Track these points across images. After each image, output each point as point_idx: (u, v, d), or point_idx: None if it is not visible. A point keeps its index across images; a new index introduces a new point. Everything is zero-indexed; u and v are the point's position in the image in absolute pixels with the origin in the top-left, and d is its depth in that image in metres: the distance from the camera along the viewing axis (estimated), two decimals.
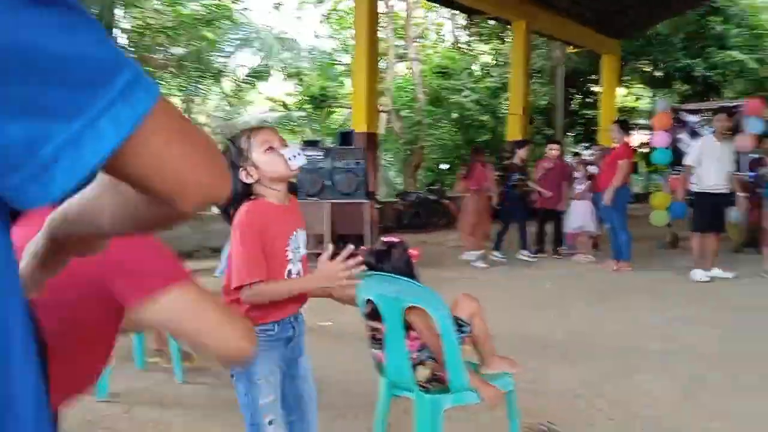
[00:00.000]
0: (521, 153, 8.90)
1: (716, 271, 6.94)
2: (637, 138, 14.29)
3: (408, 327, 2.48)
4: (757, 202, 8.29)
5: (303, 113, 20.31)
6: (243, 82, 19.69)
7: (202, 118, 19.62)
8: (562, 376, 3.85)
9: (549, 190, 8.64)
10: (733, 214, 8.26)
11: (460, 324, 2.61)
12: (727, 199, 7.19)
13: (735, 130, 8.50)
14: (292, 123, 20.21)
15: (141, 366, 4.01)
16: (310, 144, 9.04)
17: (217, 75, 18.21)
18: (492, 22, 18.23)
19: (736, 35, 19.52)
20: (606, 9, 15.27)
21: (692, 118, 9.78)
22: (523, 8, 13.22)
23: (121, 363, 3.77)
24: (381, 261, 2.54)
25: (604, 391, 3.61)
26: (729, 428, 3.10)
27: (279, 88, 22.66)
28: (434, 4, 17.99)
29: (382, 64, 17.11)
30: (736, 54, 19.09)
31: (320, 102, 19.67)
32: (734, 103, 9.78)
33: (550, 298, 6.21)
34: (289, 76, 21.71)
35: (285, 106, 21.58)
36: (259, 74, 19.77)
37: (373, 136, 10.48)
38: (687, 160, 7.17)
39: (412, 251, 2.58)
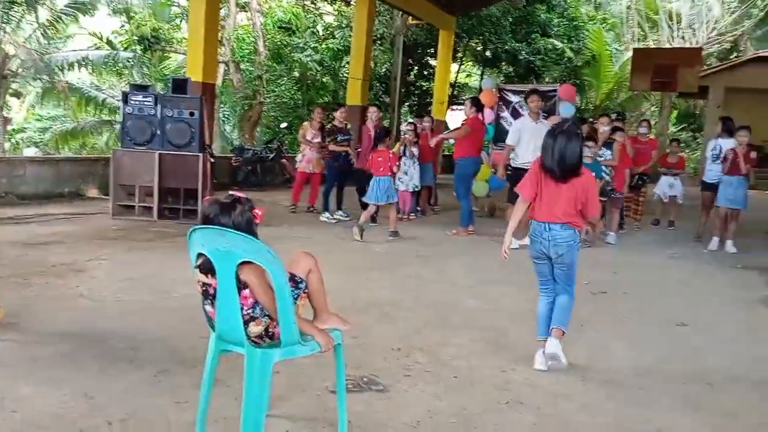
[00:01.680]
0: (338, 115, 9.07)
1: (527, 240, 7.63)
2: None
3: (242, 284, 2.47)
4: None
5: (131, 54, 18.82)
6: (62, 14, 17.75)
7: (10, 49, 17.39)
8: (384, 332, 4.08)
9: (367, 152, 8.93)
10: None
11: (296, 281, 2.66)
12: None
13: (551, 111, 9.38)
14: (118, 64, 18.67)
15: None
16: (138, 89, 8.44)
17: (31, 2, 16.23)
18: None
19: (557, 24, 21.34)
20: None
21: (514, 98, 10.59)
22: None
23: None
24: (222, 214, 2.49)
25: (420, 344, 3.89)
26: (525, 373, 3.50)
27: (105, 24, 20.73)
28: None
29: (222, 11, 16.31)
30: (556, 42, 20.89)
31: (151, 44, 18.31)
32: (550, 87, 10.75)
33: (379, 260, 6.47)
34: (117, 12, 19.94)
35: (110, 44, 19.82)
36: (81, 6, 17.94)
37: (209, 86, 10.04)
38: (508, 139, 7.76)
39: (257, 210, 2.55)
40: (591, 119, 9.43)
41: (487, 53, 21.55)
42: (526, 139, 7.48)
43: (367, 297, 4.92)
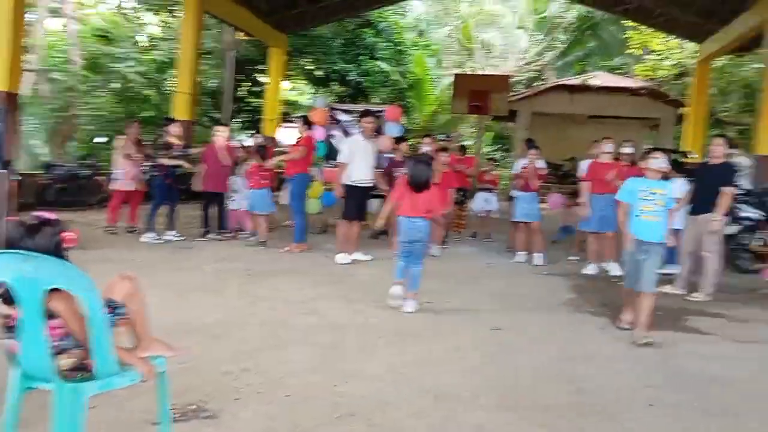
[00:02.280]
0: (173, 130, 8.74)
1: (357, 255, 7.84)
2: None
3: (49, 313, 2.28)
4: None
5: None
6: None
7: None
8: (213, 355, 3.96)
9: (213, 172, 8.70)
10: (375, 206, 9.44)
11: (113, 306, 2.50)
12: (371, 192, 8.20)
13: (378, 131, 9.73)
14: None
15: None
16: None
17: None
18: None
19: (384, 48, 22.28)
20: (278, 3, 15.93)
21: (345, 117, 10.87)
22: None
23: None
24: (27, 237, 2.27)
25: (252, 365, 3.83)
26: (357, 386, 3.59)
27: None
28: None
29: (31, 17, 14.87)
30: (382, 65, 21.79)
31: None
32: (378, 108, 11.19)
33: (209, 280, 6.27)
34: None
35: None
36: None
37: (13, 96, 9.09)
38: (340, 157, 7.93)
39: (68, 234, 2.35)
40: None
41: (319, 73, 21.89)
42: (359, 158, 7.71)
43: (196, 319, 4.74)
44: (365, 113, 8.24)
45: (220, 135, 8.89)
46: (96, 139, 14.79)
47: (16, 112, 9.36)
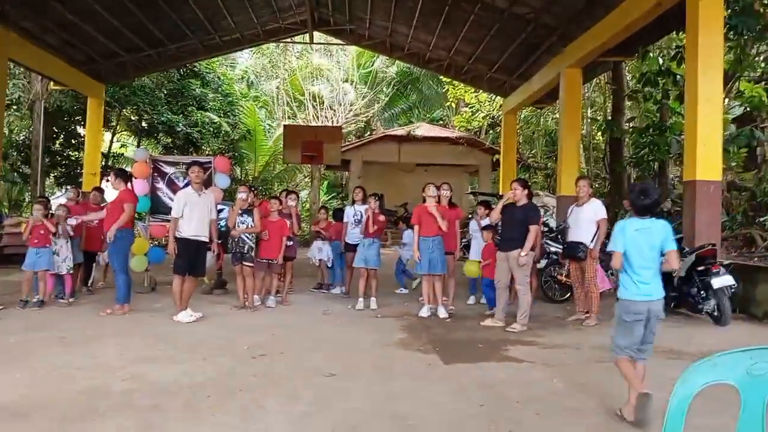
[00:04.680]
0: None
1: (187, 312, 7.45)
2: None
3: None
4: (224, 249, 9.42)
5: None
6: None
7: None
8: None
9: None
10: (209, 259, 9.13)
11: None
12: (206, 245, 7.83)
13: (208, 183, 9.53)
14: None
15: None
16: None
17: None
18: None
19: (213, 99, 22.01)
20: (94, 52, 15.14)
21: (170, 169, 10.50)
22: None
23: None
24: None
25: None
26: None
27: None
28: None
29: None
30: (212, 116, 21.48)
31: None
32: (208, 159, 10.96)
33: (10, 352, 5.65)
34: None
35: None
36: None
37: None
38: (173, 212, 7.55)
39: None
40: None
41: (143, 124, 21.02)
42: (189, 210, 7.46)
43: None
44: (192, 164, 8.02)
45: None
46: None
47: None
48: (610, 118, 16.43)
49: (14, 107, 17.64)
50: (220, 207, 9.12)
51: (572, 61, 12.40)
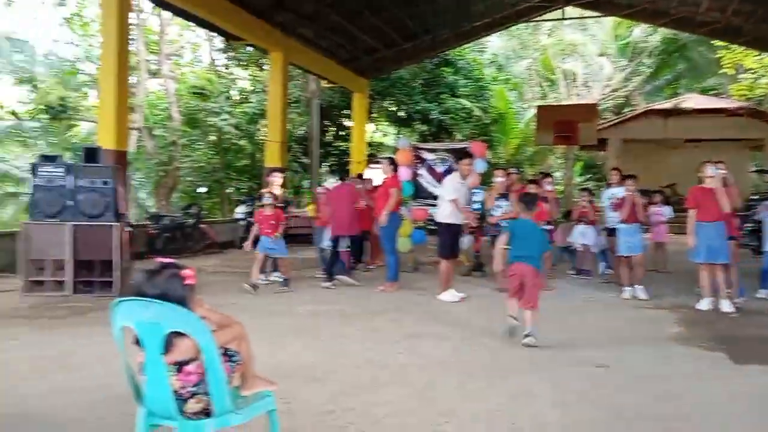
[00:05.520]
0: (275, 180, 9.14)
1: (452, 292, 7.75)
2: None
3: (185, 360, 2.43)
4: (481, 233, 9.62)
5: (37, 124, 18.20)
6: None
7: None
8: (314, 395, 4.05)
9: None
10: (465, 242, 9.42)
11: (230, 354, 2.64)
12: (462, 228, 8.16)
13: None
14: (24, 134, 17.99)
15: None
16: (47, 159, 8.16)
17: None
18: (250, 48, 18.41)
19: (464, 85, 22.47)
20: (358, 51, 16.49)
21: (429, 156, 11.00)
22: (281, 40, 13.64)
23: None
24: (149, 283, 2.46)
25: (352, 404, 3.89)
26: (457, 426, 3.57)
27: (8, 94, 20.02)
28: (190, 23, 17.62)
29: (132, 79, 16.11)
30: (464, 102, 21.94)
31: (59, 113, 17.82)
32: (463, 145, 11.25)
33: (304, 322, 6.44)
34: (22, 81, 19.35)
35: (15, 114, 19.11)
36: None
37: (122, 154, 9.86)
38: (448, 195, 7.79)
39: (186, 272, 2.52)
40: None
41: (401, 113, 22.32)
42: (457, 196, 7.77)
43: (294, 360, 4.88)
44: (464, 155, 8.26)
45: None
46: (198, 190, 15.69)
47: (125, 168, 10.13)
48: None
49: (295, 105, 20.03)
50: (475, 190, 9.34)
51: None
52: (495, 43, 27.61)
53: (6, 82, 19.42)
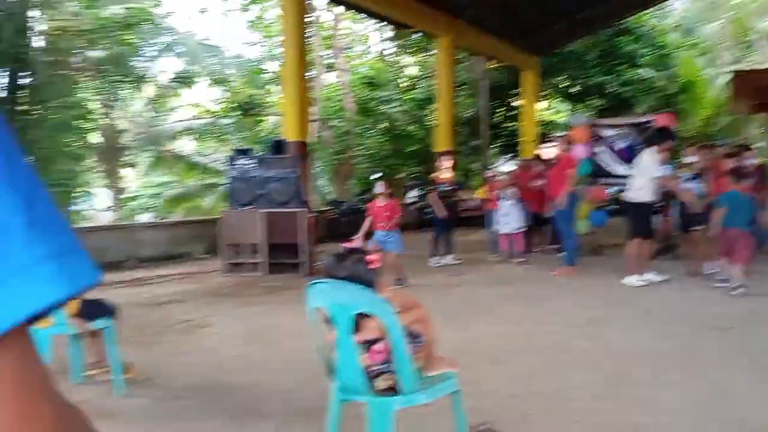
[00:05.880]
0: (445, 164, 9.20)
1: (650, 275, 7.29)
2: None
3: (374, 340, 2.55)
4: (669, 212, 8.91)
5: (230, 120, 20.03)
6: (166, 88, 19.24)
7: (122, 124, 19.01)
8: (496, 378, 4.03)
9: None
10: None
11: (414, 335, 2.71)
12: (654, 208, 7.62)
13: (647, 143, 9.07)
14: (219, 130, 19.91)
15: (77, 379, 3.90)
16: (241, 152, 8.97)
17: (139, 80, 17.70)
18: (417, 35, 18.63)
19: (645, 54, 20.79)
20: (526, 27, 15.97)
21: (609, 132, 10.37)
22: (448, 24, 13.62)
23: (56, 376, 3.65)
24: (338, 266, 2.60)
25: (536, 388, 3.81)
26: (651, 418, 3.35)
27: (205, 95, 22.26)
28: (361, 16, 18.25)
29: (310, 74, 17.10)
30: (645, 72, 20.33)
31: (248, 109, 19.46)
32: (646, 119, 10.45)
33: (484, 303, 6.43)
34: (216, 82, 21.37)
35: (211, 112, 21.21)
36: (183, 80, 19.37)
37: (304, 145, 10.50)
38: (656, 172, 7.29)
39: (371, 257, 2.64)
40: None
41: (574, 89, 21.29)
42: (653, 174, 7.25)
43: (475, 342, 4.89)
44: (667, 137, 7.57)
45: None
46: (372, 176, 16.29)
47: (307, 158, 10.80)
48: None
49: (462, 88, 19.95)
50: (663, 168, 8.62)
51: None
52: (681, 5, 25.20)
53: (203, 85, 21.60)
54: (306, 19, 11.04)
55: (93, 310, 3.67)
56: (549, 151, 10.64)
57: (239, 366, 4.38)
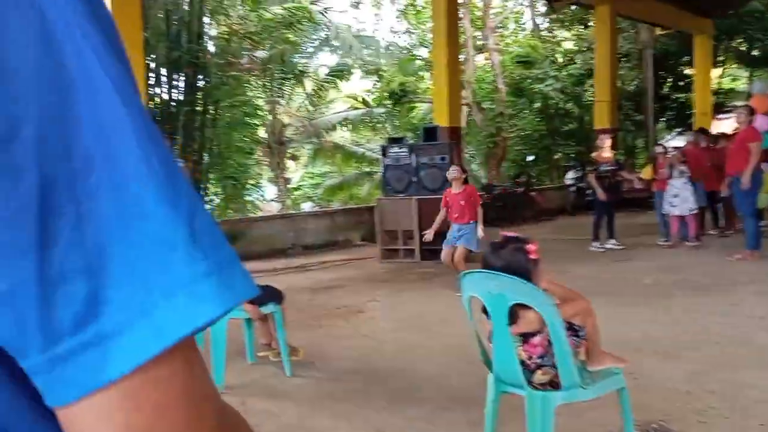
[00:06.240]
0: (607, 142, 8.73)
1: None
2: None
3: (532, 333, 2.49)
4: None
5: (383, 110, 20.51)
6: (324, 82, 20.11)
7: (286, 119, 20.23)
8: (666, 373, 3.75)
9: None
10: None
11: (575, 329, 2.60)
12: None
13: None
14: (373, 120, 20.48)
15: (252, 359, 4.23)
16: (394, 141, 9.15)
17: (299, 75, 18.68)
18: (574, 7, 17.72)
19: None
20: None
21: None
22: None
23: (232, 357, 4.00)
24: (494, 255, 2.55)
25: (712, 386, 3.49)
26: None
27: (359, 86, 23.00)
28: None
29: (461, 57, 16.95)
30: None
31: (400, 98, 19.78)
32: None
33: (651, 292, 6.02)
34: (369, 73, 21.96)
35: (365, 103, 21.85)
36: (339, 73, 20.12)
37: (456, 130, 10.46)
38: None
39: (530, 246, 2.56)
40: None
41: (755, 52, 19.07)
42: None
43: (641, 333, 4.59)
44: None
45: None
46: (526, 158, 15.90)
47: (459, 143, 10.76)
48: None
49: (624, 59, 18.68)
50: None
51: None
52: None
53: (357, 76, 22.30)
54: (458, 1, 10.95)
55: (263, 295, 3.95)
56: (726, 124, 9.66)
57: (395, 350, 4.49)
